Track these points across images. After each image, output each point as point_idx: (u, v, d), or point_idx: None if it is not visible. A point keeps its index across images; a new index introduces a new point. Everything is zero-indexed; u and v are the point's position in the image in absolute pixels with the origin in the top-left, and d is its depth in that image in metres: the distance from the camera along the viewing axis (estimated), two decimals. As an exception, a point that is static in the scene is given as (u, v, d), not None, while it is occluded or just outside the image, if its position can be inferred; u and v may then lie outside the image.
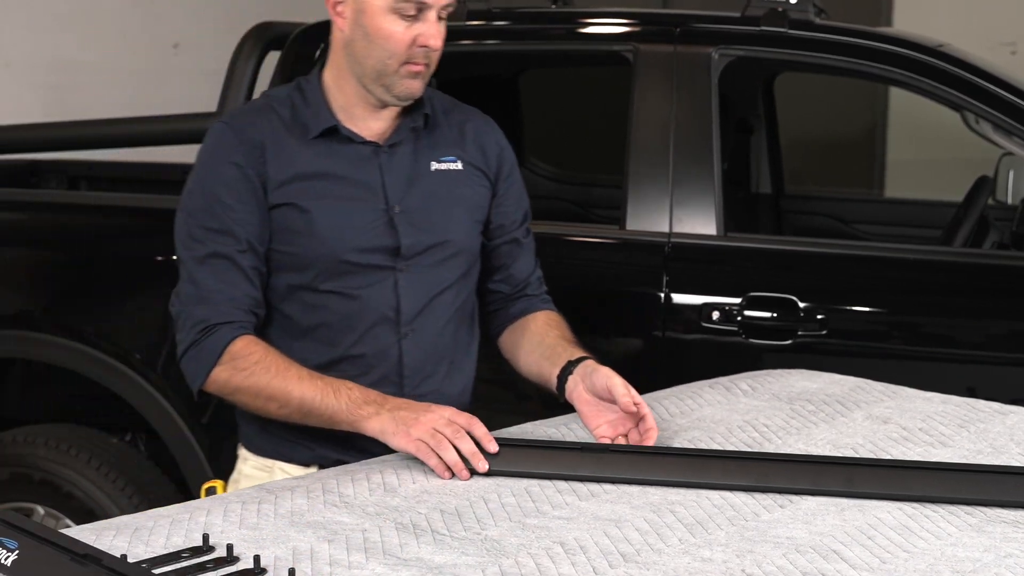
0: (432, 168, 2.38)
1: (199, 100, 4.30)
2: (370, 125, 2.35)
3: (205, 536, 1.71)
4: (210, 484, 2.29)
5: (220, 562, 1.65)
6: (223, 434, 3.30)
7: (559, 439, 2.24)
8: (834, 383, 2.60)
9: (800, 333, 3.00)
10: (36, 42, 5.30)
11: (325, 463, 2.32)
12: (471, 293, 2.45)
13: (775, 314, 3.01)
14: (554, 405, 2.38)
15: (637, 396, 2.17)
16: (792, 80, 4.44)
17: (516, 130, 4.28)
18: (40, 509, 3.37)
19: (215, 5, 5.84)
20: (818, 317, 2.99)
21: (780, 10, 3.20)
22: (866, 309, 3.08)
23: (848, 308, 3.06)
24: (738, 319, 3.02)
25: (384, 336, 2.33)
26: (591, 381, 2.22)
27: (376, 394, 2.17)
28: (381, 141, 2.35)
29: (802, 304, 3.00)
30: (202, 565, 1.63)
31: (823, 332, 2.99)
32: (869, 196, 5.79)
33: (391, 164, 2.34)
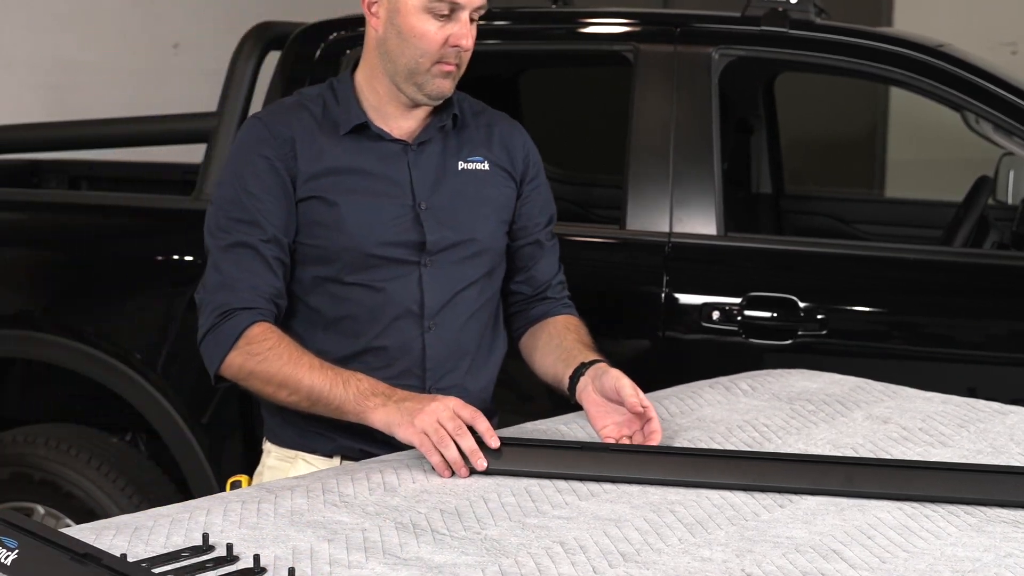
0: (459, 167, 2.41)
1: (199, 100, 4.30)
2: (400, 124, 2.38)
3: (205, 535, 1.71)
4: (235, 478, 2.31)
5: (220, 561, 1.65)
6: (223, 434, 3.31)
7: (559, 438, 2.24)
8: (834, 383, 2.60)
9: (800, 333, 3.00)
10: (36, 42, 5.30)
11: (348, 454, 2.34)
12: (495, 293, 2.47)
13: (775, 314, 3.01)
14: (563, 406, 2.39)
15: (645, 399, 2.19)
16: (792, 80, 4.44)
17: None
18: (40, 509, 3.38)
19: (215, 5, 5.84)
20: (818, 317, 2.99)
21: (780, 10, 3.20)
22: (866, 309, 3.08)
23: (848, 308, 3.06)
24: (738, 319, 3.02)
25: (408, 329, 2.35)
26: (600, 382, 2.23)
27: (384, 386, 2.18)
28: (410, 140, 2.38)
29: (802, 304, 3.00)
30: (202, 564, 1.63)
31: (823, 332, 2.99)
32: (869, 196, 5.79)
33: (419, 162, 2.38)
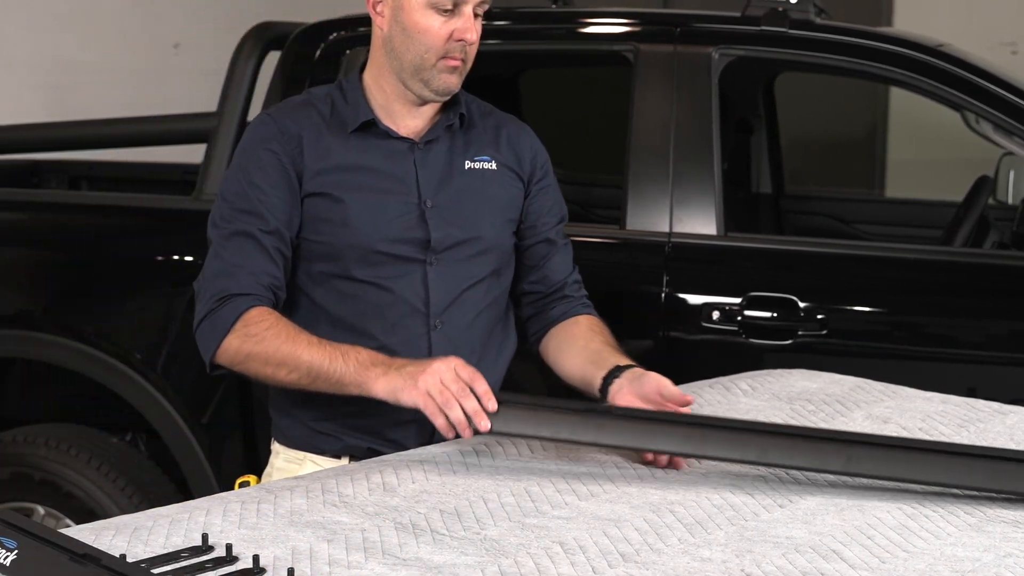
0: (466, 166, 2.42)
1: (199, 100, 4.30)
2: (408, 123, 2.39)
3: (204, 536, 1.71)
4: (244, 479, 2.32)
5: (219, 562, 1.65)
6: (223, 434, 3.31)
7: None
8: (834, 383, 2.60)
9: (800, 333, 3.00)
10: (36, 42, 5.30)
11: (356, 453, 2.34)
12: (503, 293, 2.47)
13: (775, 314, 3.01)
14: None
15: (688, 396, 2.21)
16: (792, 80, 4.44)
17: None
18: (40, 509, 3.38)
19: (215, 5, 5.84)
20: (818, 317, 2.99)
21: (780, 10, 3.19)
22: (866, 309, 3.08)
23: (848, 308, 3.06)
24: (738, 319, 3.02)
25: (414, 327, 2.35)
26: (639, 384, 2.23)
27: (384, 356, 2.18)
28: (417, 138, 2.39)
29: (802, 304, 3.00)
30: (201, 565, 1.63)
31: (823, 332, 2.99)
32: (869, 196, 5.79)
33: (426, 160, 2.39)
